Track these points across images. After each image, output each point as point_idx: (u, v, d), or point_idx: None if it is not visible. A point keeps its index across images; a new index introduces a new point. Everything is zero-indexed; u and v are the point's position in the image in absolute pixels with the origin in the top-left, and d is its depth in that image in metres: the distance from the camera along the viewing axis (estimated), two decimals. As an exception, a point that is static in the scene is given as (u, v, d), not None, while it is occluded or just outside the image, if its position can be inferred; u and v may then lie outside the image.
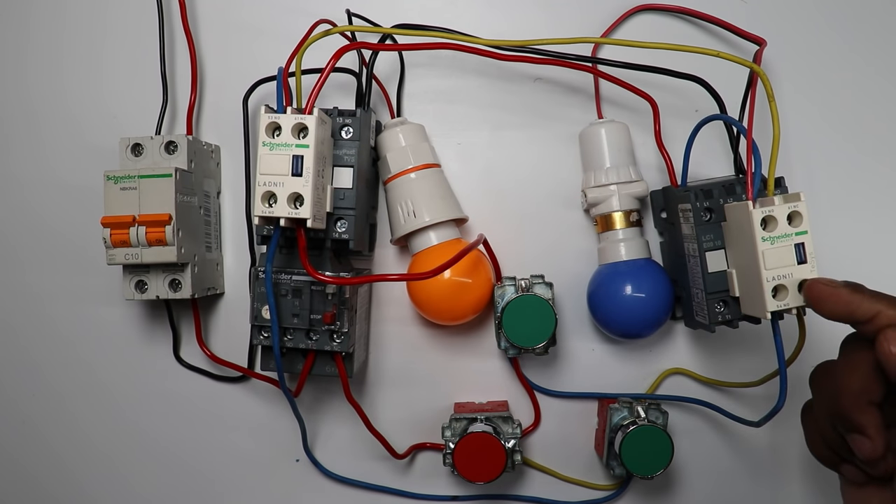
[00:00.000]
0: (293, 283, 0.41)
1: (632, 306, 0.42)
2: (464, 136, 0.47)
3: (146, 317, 0.48)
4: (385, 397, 0.47)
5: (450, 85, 0.47)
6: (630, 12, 0.47)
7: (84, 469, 0.49)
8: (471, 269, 0.42)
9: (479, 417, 0.43)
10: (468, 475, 0.41)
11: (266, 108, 0.37)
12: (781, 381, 0.36)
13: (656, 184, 0.46)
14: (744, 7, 0.47)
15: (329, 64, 0.38)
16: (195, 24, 0.48)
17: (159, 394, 0.48)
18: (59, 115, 0.49)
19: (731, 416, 0.42)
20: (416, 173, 0.43)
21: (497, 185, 0.47)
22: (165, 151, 0.44)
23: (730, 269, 0.39)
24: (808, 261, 0.35)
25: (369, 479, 0.47)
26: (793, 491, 0.47)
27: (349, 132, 0.41)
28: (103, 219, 0.41)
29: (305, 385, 0.43)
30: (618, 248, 0.43)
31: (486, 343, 0.47)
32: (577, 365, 0.47)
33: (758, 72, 0.37)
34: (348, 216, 0.40)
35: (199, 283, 0.44)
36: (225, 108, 0.48)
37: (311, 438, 0.47)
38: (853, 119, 0.47)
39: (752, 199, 0.35)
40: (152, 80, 0.47)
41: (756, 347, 0.46)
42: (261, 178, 0.36)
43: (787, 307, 0.35)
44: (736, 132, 0.44)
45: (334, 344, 0.41)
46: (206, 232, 0.45)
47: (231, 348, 0.47)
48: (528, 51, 0.42)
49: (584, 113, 0.47)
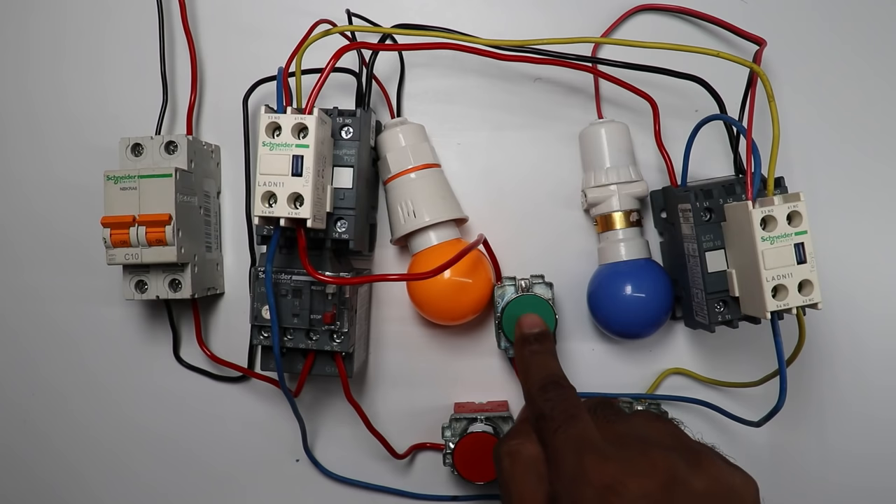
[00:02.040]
0: (293, 283, 0.41)
1: (632, 306, 0.42)
2: (464, 136, 0.47)
3: (146, 317, 0.48)
4: (385, 397, 0.47)
5: (450, 85, 0.47)
6: (630, 12, 0.47)
7: (84, 469, 0.49)
8: (471, 269, 0.42)
9: (479, 417, 0.43)
10: (468, 475, 0.41)
11: (266, 108, 0.37)
12: (781, 381, 0.36)
13: (656, 184, 0.46)
14: (744, 7, 0.47)
15: (329, 64, 0.38)
16: (195, 25, 0.48)
17: (159, 394, 0.48)
18: (58, 115, 0.49)
19: (731, 416, 0.42)
20: (416, 173, 0.43)
21: (497, 185, 0.47)
22: (165, 151, 0.44)
23: (730, 269, 0.39)
24: (808, 261, 0.35)
25: (369, 479, 0.47)
26: (793, 491, 0.47)
27: (349, 132, 0.41)
28: (103, 219, 0.41)
29: (305, 385, 0.43)
30: (618, 248, 0.43)
31: (486, 343, 0.47)
32: (577, 365, 0.47)
33: (758, 72, 0.37)
34: (348, 216, 0.40)
35: (199, 283, 0.44)
36: (225, 108, 0.48)
37: (311, 438, 0.47)
38: (853, 119, 0.47)
39: (752, 199, 0.35)
40: (152, 80, 0.47)
41: (756, 347, 0.46)
42: (261, 178, 0.36)
43: (786, 307, 0.35)
44: (736, 132, 0.44)
45: (334, 344, 0.41)
46: (206, 232, 0.45)
47: (231, 348, 0.47)
48: (528, 51, 0.42)
49: (584, 113, 0.47)
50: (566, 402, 0.32)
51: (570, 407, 0.32)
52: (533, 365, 0.36)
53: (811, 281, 0.35)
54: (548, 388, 0.33)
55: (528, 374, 0.35)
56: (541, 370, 0.35)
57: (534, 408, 0.33)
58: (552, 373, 0.35)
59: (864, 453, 0.46)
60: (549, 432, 0.31)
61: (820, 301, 0.35)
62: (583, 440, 0.30)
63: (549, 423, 0.31)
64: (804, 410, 0.46)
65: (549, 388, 0.33)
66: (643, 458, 0.28)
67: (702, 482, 0.28)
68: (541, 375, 0.35)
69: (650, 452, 0.29)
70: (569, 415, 0.31)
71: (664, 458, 0.28)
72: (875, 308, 0.47)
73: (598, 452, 0.29)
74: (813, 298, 0.35)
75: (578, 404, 0.32)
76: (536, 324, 0.39)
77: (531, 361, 0.36)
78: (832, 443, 0.46)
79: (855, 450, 0.46)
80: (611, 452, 0.29)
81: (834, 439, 0.46)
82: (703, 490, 0.28)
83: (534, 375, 0.35)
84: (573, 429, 0.30)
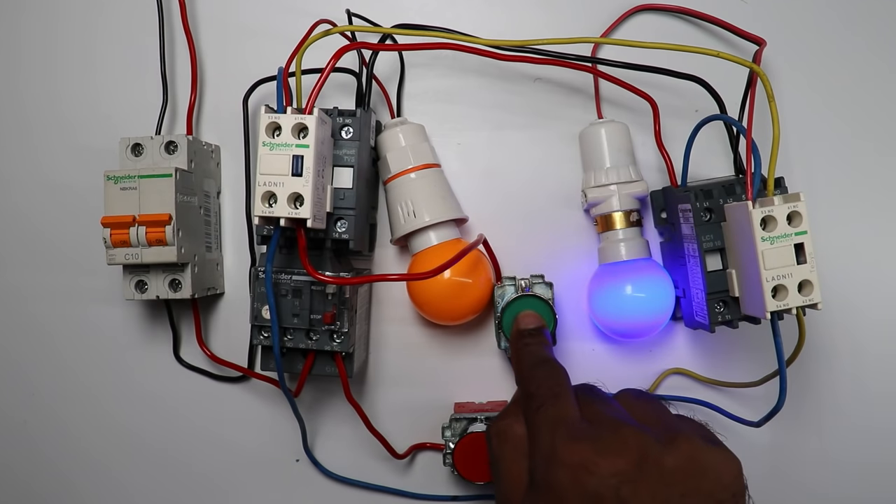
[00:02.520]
0: (293, 283, 0.41)
1: (632, 306, 0.42)
2: (464, 136, 0.47)
3: (146, 317, 0.48)
4: (385, 397, 0.47)
5: (450, 85, 0.47)
6: (630, 12, 0.47)
7: (84, 468, 0.49)
8: (471, 269, 0.42)
9: (479, 417, 0.43)
10: (468, 475, 0.41)
11: (266, 108, 0.37)
12: (781, 381, 0.36)
13: (656, 184, 0.46)
14: (744, 7, 0.47)
15: (329, 64, 0.38)
16: (195, 25, 0.48)
17: (159, 394, 0.48)
18: (58, 116, 0.49)
19: (731, 416, 0.42)
20: (416, 173, 0.43)
21: (497, 185, 0.47)
22: (165, 151, 0.44)
23: (730, 269, 0.39)
24: (808, 261, 0.35)
25: (369, 479, 0.47)
26: (793, 490, 0.47)
27: (349, 132, 0.41)
28: (103, 219, 0.41)
29: (305, 385, 0.43)
30: (618, 248, 0.43)
31: (486, 343, 0.47)
32: (577, 365, 0.47)
33: (758, 72, 0.37)
34: (348, 216, 0.40)
35: (199, 283, 0.44)
36: (225, 108, 0.48)
37: (311, 438, 0.47)
38: (853, 119, 0.47)
39: (752, 199, 0.35)
40: (152, 80, 0.47)
41: (756, 347, 0.46)
42: (261, 178, 0.36)
43: (786, 307, 0.35)
44: (736, 132, 0.44)
45: (334, 344, 0.41)
46: (206, 232, 0.45)
47: (231, 348, 0.47)
48: (528, 51, 0.42)
49: (584, 113, 0.47)
50: (551, 381, 0.32)
51: (555, 385, 0.32)
52: (525, 353, 0.37)
53: (811, 281, 0.35)
54: (536, 367, 0.34)
55: (520, 362, 0.36)
56: (531, 356, 0.36)
57: (522, 387, 0.34)
58: (541, 357, 0.35)
59: (864, 453, 0.46)
60: (532, 411, 0.31)
61: (820, 301, 0.35)
62: (559, 419, 0.30)
63: (533, 402, 0.32)
64: (804, 411, 0.47)
65: (537, 366, 0.34)
66: (614, 437, 0.28)
67: (674, 459, 0.28)
68: (529, 360, 0.35)
69: (621, 430, 0.29)
70: (553, 393, 0.31)
71: (636, 436, 0.28)
72: (875, 308, 0.47)
73: (571, 432, 0.29)
74: (813, 299, 0.35)
75: (564, 383, 0.32)
76: (533, 320, 0.40)
77: (524, 352, 0.37)
78: (832, 443, 0.46)
79: (855, 450, 0.46)
80: (584, 432, 0.29)
81: (834, 439, 0.46)
82: (675, 467, 0.27)
83: (525, 360, 0.36)
84: (553, 408, 0.31)
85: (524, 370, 0.35)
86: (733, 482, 0.28)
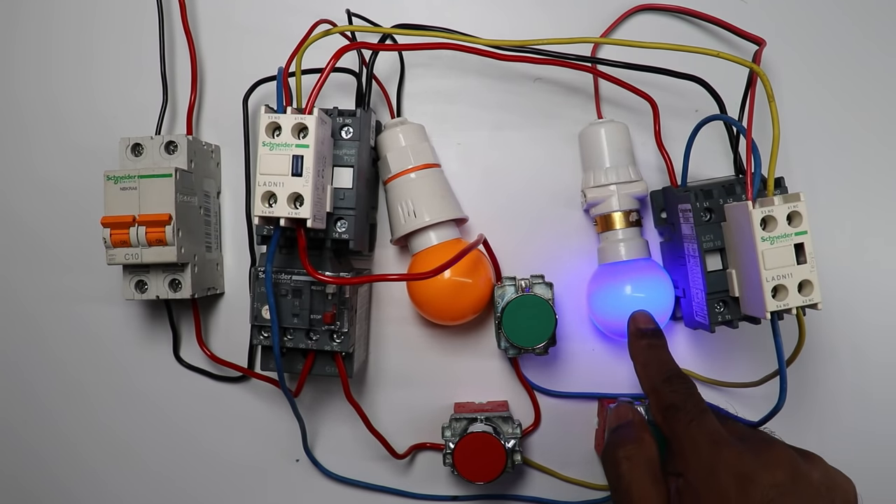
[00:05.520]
0: (293, 283, 0.41)
1: (631, 306, 0.42)
2: (464, 136, 0.47)
3: (146, 317, 0.48)
4: (385, 397, 0.47)
5: (450, 85, 0.47)
6: (630, 12, 0.47)
7: (84, 468, 0.49)
8: (471, 269, 0.42)
9: (479, 417, 0.43)
10: (468, 475, 0.41)
11: (266, 108, 0.37)
12: (781, 381, 0.36)
13: (656, 184, 0.46)
14: (744, 7, 0.47)
15: (329, 64, 0.38)
16: (195, 24, 0.48)
17: (159, 394, 0.48)
18: (58, 116, 0.49)
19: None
20: (416, 173, 0.43)
21: (497, 184, 0.47)
22: (165, 151, 0.44)
23: (729, 269, 0.39)
24: (808, 261, 0.35)
25: (369, 479, 0.47)
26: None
27: (349, 132, 0.41)
28: (103, 219, 0.41)
29: (305, 385, 0.43)
30: (618, 248, 0.43)
31: (486, 343, 0.47)
32: (577, 365, 0.47)
33: (757, 72, 0.37)
34: (348, 216, 0.40)
35: (199, 283, 0.44)
36: (225, 108, 0.48)
37: (311, 438, 0.47)
38: (853, 119, 0.47)
39: (752, 199, 0.35)
40: (152, 80, 0.47)
41: (756, 347, 0.46)
42: (261, 178, 0.36)
43: (786, 307, 0.35)
44: (736, 132, 0.44)
45: (334, 344, 0.41)
46: (206, 232, 0.45)
47: (231, 348, 0.47)
48: (528, 51, 0.42)
49: (584, 113, 0.47)
50: (695, 396, 0.34)
51: (699, 401, 0.34)
52: (652, 359, 0.37)
53: (811, 281, 0.35)
54: (673, 380, 0.35)
55: (649, 367, 0.37)
56: (661, 364, 0.36)
57: (661, 398, 0.34)
58: (673, 367, 0.36)
59: (864, 453, 0.46)
60: (683, 423, 0.32)
61: (820, 301, 0.35)
62: (717, 433, 0.32)
63: (683, 415, 0.33)
64: (804, 411, 0.47)
65: (673, 380, 0.35)
66: (770, 452, 0.31)
67: (818, 474, 0.31)
68: (662, 369, 0.36)
69: (775, 446, 0.31)
70: (700, 409, 0.33)
71: (786, 452, 0.31)
72: (875, 308, 0.47)
73: (732, 445, 0.31)
74: (813, 298, 0.35)
75: (702, 398, 0.34)
76: (650, 320, 0.40)
77: (650, 355, 0.37)
78: (832, 442, 0.46)
79: (855, 449, 0.46)
80: (742, 445, 0.31)
81: (834, 439, 0.46)
82: (819, 482, 0.30)
83: (654, 368, 0.36)
84: (707, 422, 0.32)
85: (657, 381, 0.35)
86: (855, 496, 0.31)
